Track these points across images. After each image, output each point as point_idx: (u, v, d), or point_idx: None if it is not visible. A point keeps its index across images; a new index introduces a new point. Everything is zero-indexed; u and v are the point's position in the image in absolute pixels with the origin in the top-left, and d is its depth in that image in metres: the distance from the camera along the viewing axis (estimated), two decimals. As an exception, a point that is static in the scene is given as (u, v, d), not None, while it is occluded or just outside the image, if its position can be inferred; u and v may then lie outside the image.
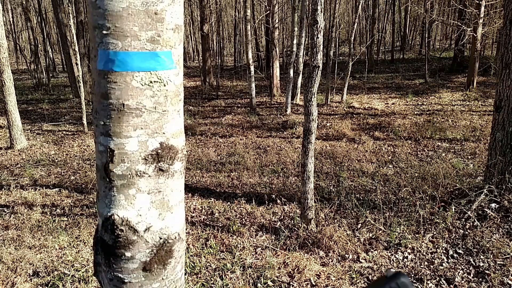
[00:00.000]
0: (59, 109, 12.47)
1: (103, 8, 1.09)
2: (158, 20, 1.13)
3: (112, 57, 1.11)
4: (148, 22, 1.12)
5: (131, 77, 1.14)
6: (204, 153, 7.60)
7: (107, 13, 1.09)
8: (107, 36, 1.11)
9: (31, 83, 17.22)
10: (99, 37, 1.13)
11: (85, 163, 7.23)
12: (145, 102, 1.17)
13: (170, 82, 1.19)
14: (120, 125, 1.17)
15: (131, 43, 1.11)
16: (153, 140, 1.22)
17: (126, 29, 1.11)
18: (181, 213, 1.39)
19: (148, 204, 1.27)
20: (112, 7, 1.09)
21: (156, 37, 1.14)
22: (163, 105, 1.20)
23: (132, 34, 1.11)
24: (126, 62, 1.12)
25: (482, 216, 4.11)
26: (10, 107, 7.86)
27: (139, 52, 1.13)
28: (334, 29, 12.59)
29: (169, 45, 1.17)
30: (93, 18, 1.13)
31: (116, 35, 1.11)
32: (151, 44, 1.13)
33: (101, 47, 1.13)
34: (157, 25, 1.13)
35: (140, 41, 1.12)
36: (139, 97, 1.16)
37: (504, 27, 4.32)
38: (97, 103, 1.20)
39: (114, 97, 1.15)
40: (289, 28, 17.93)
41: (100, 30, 1.12)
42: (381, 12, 24.94)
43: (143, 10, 1.11)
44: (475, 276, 3.34)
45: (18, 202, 5.44)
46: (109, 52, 1.12)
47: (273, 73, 13.57)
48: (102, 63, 1.14)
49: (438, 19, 16.19)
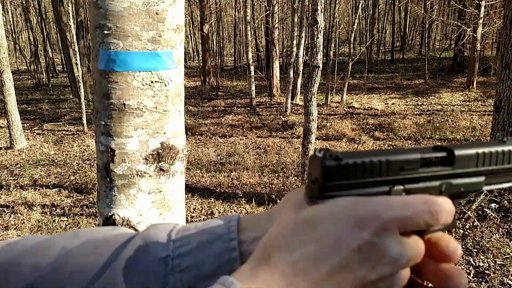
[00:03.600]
0: (59, 109, 12.47)
1: (105, 8, 1.10)
2: (159, 20, 1.13)
3: (113, 57, 1.12)
4: (149, 22, 1.12)
5: (132, 77, 1.14)
6: (204, 153, 7.60)
7: (108, 13, 1.10)
8: (108, 36, 1.12)
9: (31, 83, 17.22)
10: (100, 37, 1.13)
11: (85, 163, 7.23)
12: (146, 102, 1.17)
13: (171, 82, 1.20)
14: (121, 125, 1.17)
15: (132, 43, 1.12)
16: (154, 140, 1.22)
17: (127, 29, 1.11)
18: (182, 213, 1.39)
19: (148, 204, 1.27)
20: (113, 7, 1.09)
21: (157, 37, 1.14)
22: (164, 105, 1.21)
23: (133, 34, 1.11)
24: (127, 62, 1.12)
25: (482, 216, 4.12)
26: (10, 107, 7.85)
27: (140, 52, 1.13)
28: (334, 29, 12.60)
29: (170, 45, 1.17)
30: (94, 18, 1.13)
31: (117, 35, 1.11)
32: (152, 44, 1.14)
33: (102, 47, 1.14)
34: (158, 25, 1.13)
35: (141, 41, 1.13)
36: (140, 97, 1.16)
37: (504, 27, 4.33)
38: (98, 103, 1.21)
39: (115, 97, 1.15)
40: (289, 28, 17.95)
41: (101, 30, 1.12)
42: (381, 12, 24.95)
43: (144, 10, 1.11)
44: (475, 276, 3.35)
45: (18, 202, 5.44)
46: (110, 52, 1.12)
47: (273, 73, 13.58)
48: (103, 63, 1.14)
49: (438, 19, 16.21)
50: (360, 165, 0.35)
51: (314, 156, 0.35)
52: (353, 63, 12.42)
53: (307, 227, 0.34)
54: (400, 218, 0.33)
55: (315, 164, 0.35)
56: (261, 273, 0.33)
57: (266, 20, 14.00)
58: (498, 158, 0.41)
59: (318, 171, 0.35)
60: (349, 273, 0.32)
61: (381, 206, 0.33)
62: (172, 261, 0.41)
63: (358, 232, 0.32)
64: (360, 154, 0.36)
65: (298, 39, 10.90)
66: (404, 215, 0.33)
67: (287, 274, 0.32)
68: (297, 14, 11.71)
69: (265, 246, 0.35)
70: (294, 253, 0.33)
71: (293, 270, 0.32)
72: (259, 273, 0.33)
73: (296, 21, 11.66)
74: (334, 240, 0.32)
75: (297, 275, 0.32)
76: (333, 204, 0.34)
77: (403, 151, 0.37)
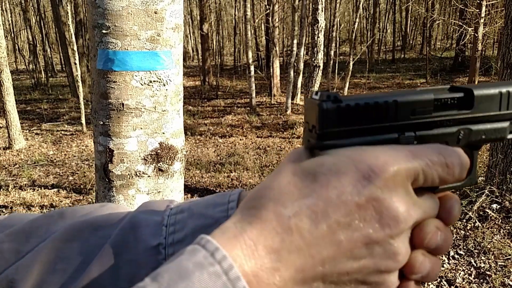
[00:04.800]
0: (58, 109, 12.46)
1: (103, 7, 1.08)
2: (158, 20, 1.12)
3: (112, 57, 1.10)
4: (148, 21, 1.10)
5: (131, 77, 1.12)
6: (203, 153, 7.59)
7: (106, 12, 1.08)
8: (106, 35, 1.10)
9: (30, 82, 17.20)
10: (98, 37, 1.12)
11: (83, 163, 7.22)
12: (144, 101, 1.16)
13: (169, 81, 1.18)
14: (119, 125, 1.16)
15: (131, 42, 1.10)
16: (153, 140, 1.21)
17: (126, 28, 1.09)
18: (181, 215, 1.38)
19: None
20: (111, 6, 1.07)
21: (156, 36, 1.12)
22: (163, 105, 1.19)
23: (132, 34, 1.10)
24: (125, 61, 1.11)
25: (483, 217, 4.11)
26: (8, 107, 7.84)
27: (139, 52, 1.11)
28: (334, 29, 12.59)
29: (168, 45, 1.15)
30: (92, 17, 1.11)
31: (115, 35, 1.09)
32: (151, 43, 1.12)
33: (101, 47, 1.12)
34: (156, 25, 1.12)
35: (139, 40, 1.11)
36: (139, 96, 1.15)
37: (505, 27, 4.31)
38: (97, 102, 1.19)
39: (114, 96, 1.14)
40: (289, 27, 17.94)
41: (100, 29, 1.10)
42: (382, 12, 24.95)
43: (143, 10, 1.09)
44: (476, 277, 3.34)
45: (17, 203, 5.42)
46: (109, 51, 1.10)
47: (273, 72, 13.57)
48: (101, 63, 1.13)
49: (439, 18, 16.20)
50: (363, 107, 0.31)
51: (311, 99, 0.31)
52: (354, 63, 12.41)
53: (306, 178, 0.29)
54: (411, 169, 0.29)
55: (312, 108, 0.31)
56: (247, 229, 0.28)
57: (266, 19, 14.00)
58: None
59: (315, 116, 0.31)
60: (352, 232, 0.28)
61: (389, 156, 0.29)
62: (165, 250, 0.37)
63: (364, 186, 0.28)
64: (364, 96, 0.32)
65: (299, 39, 10.89)
66: (417, 167, 0.30)
67: (279, 230, 0.27)
68: (298, 13, 11.70)
69: (254, 197, 0.30)
70: (290, 206, 0.28)
71: (287, 226, 0.27)
72: (245, 229, 0.28)
73: (297, 20, 11.65)
74: (337, 194, 0.28)
75: (291, 232, 0.27)
76: (336, 154, 0.30)
77: (414, 92, 0.33)
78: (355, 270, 0.29)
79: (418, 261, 0.31)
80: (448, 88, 0.35)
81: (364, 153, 0.30)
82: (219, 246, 0.26)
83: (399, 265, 0.30)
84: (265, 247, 0.27)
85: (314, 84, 3.91)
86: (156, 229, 0.38)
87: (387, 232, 0.28)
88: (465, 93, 0.34)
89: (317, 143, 0.31)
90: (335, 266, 0.28)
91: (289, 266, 0.27)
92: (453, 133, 0.34)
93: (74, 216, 0.43)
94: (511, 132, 0.36)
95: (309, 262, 0.28)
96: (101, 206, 0.44)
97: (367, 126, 0.31)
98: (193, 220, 0.37)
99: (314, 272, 0.28)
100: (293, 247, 0.27)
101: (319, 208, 0.28)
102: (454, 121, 0.34)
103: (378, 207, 0.28)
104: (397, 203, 0.29)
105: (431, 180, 0.31)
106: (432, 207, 0.32)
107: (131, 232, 0.38)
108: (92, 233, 0.40)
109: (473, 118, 0.34)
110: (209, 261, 0.26)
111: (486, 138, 0.35)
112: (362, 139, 0.31)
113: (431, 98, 0.33)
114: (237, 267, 0.26)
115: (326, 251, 0.28)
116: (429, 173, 0.30)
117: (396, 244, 0.29)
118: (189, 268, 0.26)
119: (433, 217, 0.32)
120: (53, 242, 0.40)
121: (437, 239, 0.31)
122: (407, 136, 0.32)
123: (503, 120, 0.35)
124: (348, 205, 0.28)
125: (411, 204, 0.30)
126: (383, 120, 0.32)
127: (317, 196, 0.28)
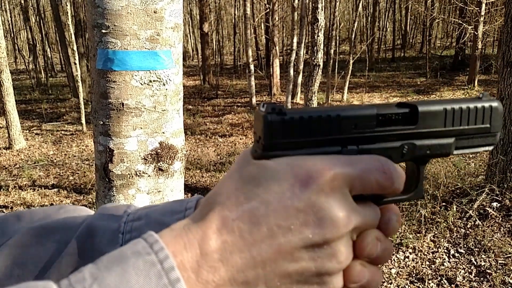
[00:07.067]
0: (58, 109, 12.46)
1: (102, 7, 1.08)
2: (157, 19, 1.11)
3: (111, 56, 1.10)
4: (148, 21, 1.10)
5: (131, 76, 1.12)
6: (203, 153, 7.59)
7: (106, 12, 1.08)
8: (106, 35, 1.10)
9: (30, 83, 17.20)
10: (98, 36, 1.12)
11: (84, 163, 7.22)
12: (144, 101, 1.16)
13: (169, 81, 1.18)
14: (119, 125, 1.16)
15: (130, 42, 1.10)
16: (153, 139, 1.21)
17: (125, 28, 1.09)
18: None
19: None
20: (111, 6, 1.07)
21: (155, 36, 1.12)
22: (163, 105, 1.19)
23: (131, 33, 1.10)
24: (125, 61, 1.11)
25: (484, 215, 4.11)
26: (8, 107, 7.84)
27: (139, 51, 1.11)
28: (334, 28, 12.57)
29: (168, 44, 1.15)
30: (92, 17, 1.11)
31: (115, 34, 1.09)
32: (151, 43, 1.12)
33: (100, 46, 1.12)
34: (156, 24, 1.12)
35: (139, 40, 1.11)
36: (139, 96, 1.15)
37: (505, 25, 4.31)
38: (96, 102, 1.19)
39: (113, 96, 1.14)
40: (289, 26, 17.93)
41: (99, 29, 1.10)
42: (382, 10, 24.94)
43: (142, 9, 1.09)
44: (476, 276, 3.34)
45: (17, 203, 5.42)
46: (108, 51, 1.10)
47: (273, 72, 13.56)
48: (101, 63, 1.13)
49: (439, 17, 16.19)
50: (307, 120, 0.32)
51: (258, 111, 0.32)
52: (354, 62, 12.40)
53: (250, 183, 0.31)
54: (348, 175, 0.30)
55: (258, 119, 0.32)
56: (193, 229, 0.29)
57: (266, 19, 13.99)
58: (470, 116, 0.36)
59: (261, 128, 0.31)
60: (292, 235, 0.29)
61: (327, 163, 0.30)
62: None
63: (302, 191, 0.29)
64: (309, 110, 0.32)
65: (299, 38, 10.88)
66: (353, 172, 0.30)
67: (223, 232, 0.29)
68: (297, 12, 11.69)
69: (206, 203, 0.32)
70: (235, 210, 0.30)
71: (230, 228, 0.29)
72: (191, 229, 0.29)
73: (296, 19, 11.64)
74: (278, 199, 0.29)
75: (233, 234, 0.29)
76: (277, 160, 0.31)
77: (358, 107, 0.34)
78: (296, 273, 0.30)
79: (356, 270, 0.32)
80: (396, 104, 0.36)
81: (304, 160, 0.31)
82: (158, 239, 0.28)
83: (341, 267, 0.31)
84: (209, 246, 0.28)
85: (314, 83, 3.91)
86: (113, 237, 0.38)
87: (327, 236, 0.29)
88: (410, 109, 0.35)
89: (263, 154, 0.32)
90: (276, 268, 0.29)
91: (230, 266, 0.28)
92: (397, 147, 0.35)
93: (31, 219, 0.43)
94: (456, 148, 0.37)
95: (250, 263, 0.29)
96: (59, 209, 0.45)
97: (311, 138, 0.32)
98: (149, 228, 0.38)
99: (255, 274, 0.29)
100: (234, 248, 0.29)
101: (260, 212, 0.29)
102: (397, 136, 0.35)
103: (317, 212, 0.29)
104: (335, 208, 0.30)
105: (369, 187, 0.31)
106: (372, 216, 0.32)
107: (88, 239, 0.39)
108: (48, 238, 0.40)
109: (418, 134, 0.35)
110: (147, 250, 0.27)
111: (431, 153, 0.36)
112: (306, 150, 0.32)
113: (373, 113, 0.34)
114: (172, 259, 0.27)
115: (267, 253, 0.29)
116: (366, 179, 0.31)
117: (337, 248, 0.30)
118: (127, 254, 0.27)
119: (374, 227, 0.33)
120: (10, 247, 0.40)
121: (377, 249, 0.32)
122: (350, 149, 0.33)
123: (448, 136, 0.36)
124: (288, 209, 0.29)
125: (350, 210, 0.30)
126: (327, 133, 0.32)
127: (260, 200, 0.30)
